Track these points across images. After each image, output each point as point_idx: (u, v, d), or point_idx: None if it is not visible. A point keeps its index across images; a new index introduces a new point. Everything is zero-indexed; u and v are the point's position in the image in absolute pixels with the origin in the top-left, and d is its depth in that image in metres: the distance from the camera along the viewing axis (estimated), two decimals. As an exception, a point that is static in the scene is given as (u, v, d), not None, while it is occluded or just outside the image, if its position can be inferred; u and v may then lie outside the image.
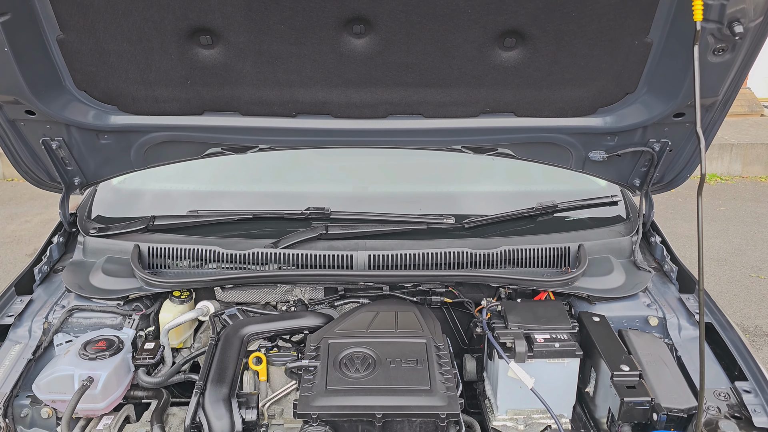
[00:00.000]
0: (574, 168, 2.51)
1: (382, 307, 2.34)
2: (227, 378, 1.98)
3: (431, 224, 2.55)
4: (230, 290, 2.47)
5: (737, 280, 5.60)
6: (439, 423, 1.86)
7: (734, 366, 2.12)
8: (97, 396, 1.99)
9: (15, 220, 7.12)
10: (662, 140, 2.34)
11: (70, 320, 2.31)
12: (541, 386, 2.08)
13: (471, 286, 2.50)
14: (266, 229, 2.57)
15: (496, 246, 2.47)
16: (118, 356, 2.08)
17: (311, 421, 1.85)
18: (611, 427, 2.03)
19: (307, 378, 1.97)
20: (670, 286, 2.49)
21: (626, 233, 2.65)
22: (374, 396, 1.89)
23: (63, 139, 2.33)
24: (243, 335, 2.18)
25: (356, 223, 2.54)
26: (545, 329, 2.17)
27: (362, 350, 2.06)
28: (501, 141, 2.40)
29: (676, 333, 2.27)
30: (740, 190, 8.11)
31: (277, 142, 2.40)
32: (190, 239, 2.52)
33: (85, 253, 2.57)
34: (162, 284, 2.32)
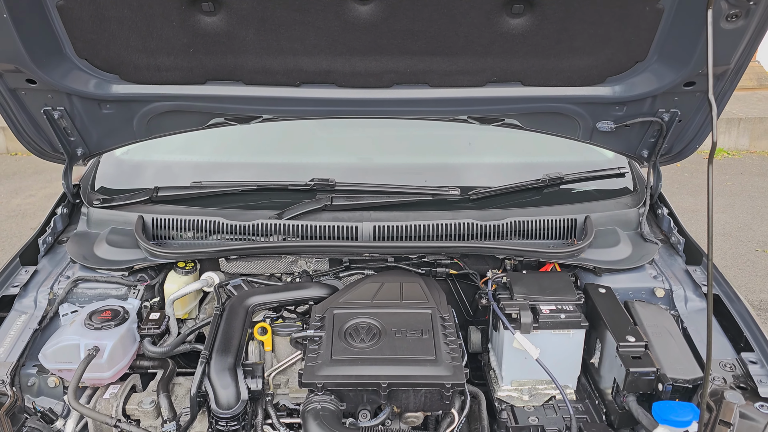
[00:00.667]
0: (581, 139, 2.48)
1: (387, 278, 2.33)
2: (232, 348, 1.98)
3: (436, 196, 2.53)
4: (235, 261, 2.46)
5: (743, 255, 5.58)
6: (444, 393, 1.86)
7: (740, 338, 2.11)
8: (103, 365, 1.99)
9: (19, 194, 7.12)
10: (672, 110, 2.30)
11: (75, 291, 2.31)
12: (546, 357, 2.08)
13: (476, 257, 2.49)
14: (270, 201, 2.55)
15: (502, 217, 2.45)
16: (123, 326, 2.09)
17: (316, 391, 1.85)
18: (616, 397, 2.03)
19: (312, 348, 1.98)
20: (676, 258, 2.48)
21: (633, 205, 2.62)
22: (379, 366, 1.89)
23: (65, 108, 2.30)
24: (248, 306, 2.18)
25: (361, 195, 2.52)
26: (551, 300, 2.16)
27: (367, 320, 2.06)
28: (508, 111, 2.36)
29: (683, 305, 2.26)
30: (747, 164, 8.04)
31: (281, 112, 2.37)
32: (194, 210, 2.51)
33: (89, 225, 2.56)
34: (166, 255, 2.31)
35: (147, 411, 2.01)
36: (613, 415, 2.05)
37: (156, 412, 2.01)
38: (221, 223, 2.43)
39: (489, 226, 2.42)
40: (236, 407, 1.86)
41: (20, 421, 1.93)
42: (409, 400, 1.90)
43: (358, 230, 2.40)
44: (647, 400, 1.97)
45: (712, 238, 1.48)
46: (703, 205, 6.55)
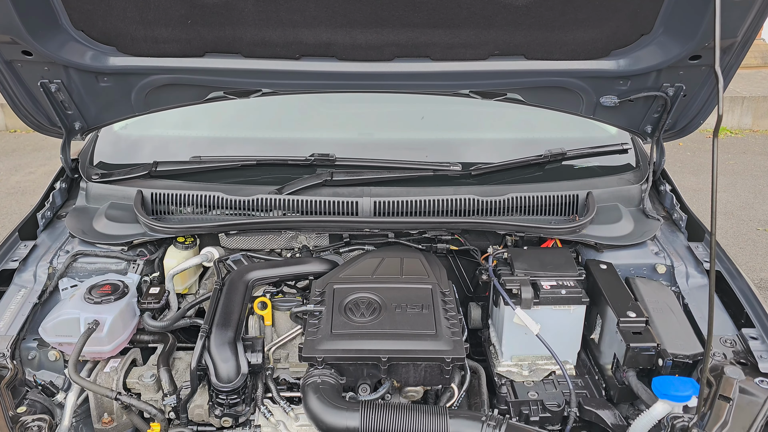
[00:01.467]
0: (584, 114, 2.45)
1: (387, 253, 2.32)
2: (232, 322, 1.98)
3: (437, 171, 2.51)
4: (234, 237, 2.45)
5: (744, 234, 5.57)
6: (444, 367, 1.86)
7: (741, 314, 2.11)
8: (103, 339, 2.00)
9: (19, 171, 7.10)
10: (676, 84, 2.27)
11: (75, 265, 2.30)
12: (547, 333, 2.08)
13: (477, 233, 2.48)
14: (270, 176, 2.53)
15: (503, 193, 2.44)
16: (123, 300, 2.09)
17: (316, 365, 1.85)
18: (616, 372, 2.03)
19: (312, 322, 1.97)
20: (678, 235, 2.47)
21: (635, 181, 2.60)
22: (379, 340, 1.89)
23: (62, 81, 2.27)
24: (248, 280, 2.18)
25: (361, 170, 2.51)
26: (552, 276, 2.16)
27: (367, 295, 2.06)
28: (510, 85, 2.33)
29: (684, 281, 2.25)
30: (750, 143, 8.00)
31: (281, 86, 2.34)
32: (194, 185, 2.50)
33: (88, 199, 2.55)
34: (165, 230, 2.30)
35: (147, 385, 2.01)
36: (612, 390, 2.05)
37: (156, 386, 2.02)
38: (221, 198, 2.42)
39: (490, 202, 2.41)
40: (236, 381, 1.86)
41: (21, 394, 1.94)
42: (409, 374, 1.90)
43: (359, 205, 2.38)
44: (647, 375, 1.97)
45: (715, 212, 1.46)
46: (705, 184, 6.53)
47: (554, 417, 1.98)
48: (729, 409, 1.71)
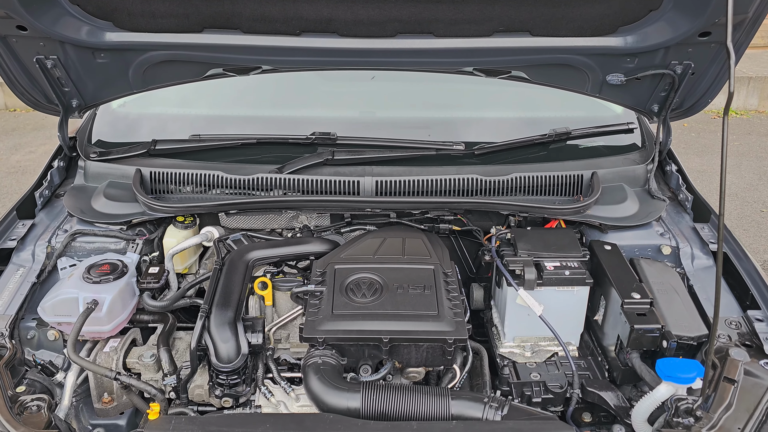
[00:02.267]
0: (590, 92, 2.41)
1: (389, 233, 2.30)
2: (232, 302, 1.96)
3: (440, 150, 2.48)
4: (234, 216, 2.43)
5: (748, 215, 5.53)
6: (446, 348, 1.85)
7: (746, 296, 2.09)
8: (102, 319, 1.98)
9: (19, 150, 7.06)
10: (685, 62, 2.22)
11: (74, 244, 2.28)
12: (550, 314, 2.06)
13: (480, 213, 2.45)
14: (271, 155, 2.50)
15: (507, 173, 2.40)
16: (122, 280, 2.07)
17: (317, 345, 1.84)
18: (619, 354, 2.01)
19: (313, 303, 1.95)
20: (684, 216, 2.43)
21: (641, 161, 2.57)
22: (381, 321, 1.87)
23: (58, 57, 2.23)
24: (248, 260, 2.15)
25: (363, 149, 2.47)
26: (555, 257, 2.13)
27: (369, 276, 2.03)
28: (515, 63, 2.29)
29: (689, 262, 2.22)
30: (755, 124, 7.92)
31: (281, 63, 2.30)
32: (193, 164, 2.46)
33: (87, 178, 2.52)
34: (165, 209, 2.28)
35: (147, 365, 2.00)
36: (615, 371, 2.04)
37: (156, 366, 2.01)
38: (220, 177, 2.39)
39: (493, 182, 2.38)
40: (236, 361, 1.85)
41: (20, 373, 1.93)
42: (410, 355, 1.89)
43: (360, 185, 2.35)
44: (650, 357, 1.95)
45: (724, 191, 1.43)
46: (709, 165, 6.48)
47: (557, 398, 1.97)
48: (733, 391, 1.69)
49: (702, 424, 1.63)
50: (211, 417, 1.76)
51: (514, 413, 1.67)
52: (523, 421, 1.63)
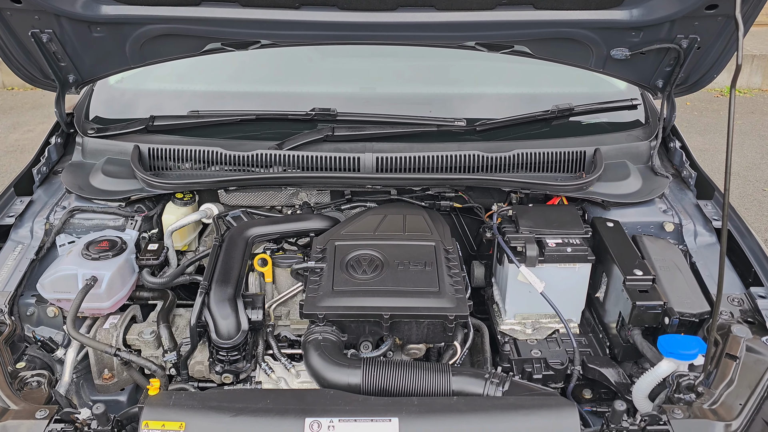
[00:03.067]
0: (594, 68, 2.37)
1: (390, 210, 2.28)
2: (232, 278, 1.95)
3: (442, 126, 2.45)
4: (234, 193, 2.41)
5: (749, 194, 5.51)
6: (447, 324, 1.84)
7: (749, 273, 2.07)
8: (102, 295, 1.97)
9: (17, 129, 7.01)
10: (690, 36, 2.18)
11: (72, 221, 2.27)
12: (551, 291, 2.05)
13: (481, 190, 2.43)
14: (270, 131, 2.47)
15: (509, 149, 2.38)
16: (121, 257, 2.05)
17: (318, 321, 1.83)
18: (621, 331, 2.01)
19: (313, 279, 1.94)
20: (687, 193, 2.42)
21: (645, 138, 2.54)
22: (382, 297, 1.86)
23: (53, 31, 2.19)
24: (248, 237, 2.14)
25: (363, 125, 2.44)
26: (557, 234, 2.12)
27: (369, 252, 2.02)
28: (517, 37, 2.25)
29: (692, 239, 2.21)
30: (759, 103, 7.86)
31: (280, 37, 2.26)
32: (192, 140, 2.44)
33: (85, 155, 2.50)
34: (163, 185, 2.26)
35: (147, 341, 2.00)
36: (616, 348, 2.03)
37: (156, 343, 2.00)
38: (219, 154, 2.36)
39: (495, 158, 2.35)
40: (236, 337, 1.84)
41: (20, 349, 1.92)
42: (411, 331, 1.88)
43: (360, 161, 2.33)
44: (651, 334, 1.95)
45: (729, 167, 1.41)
46: (711, 144, 6.44)
47: (557, 375, 1.97)
48: (735, 368, 1.69)
49: (703, 399, 1.62)
50: (212, 392, 1.76)
51: (515, 389, 1.67)
52: (524, 396, 1.63)
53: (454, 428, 1.47)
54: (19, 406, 1.60)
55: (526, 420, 1.48)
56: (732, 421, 1.55)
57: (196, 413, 1.50)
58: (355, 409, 1.52)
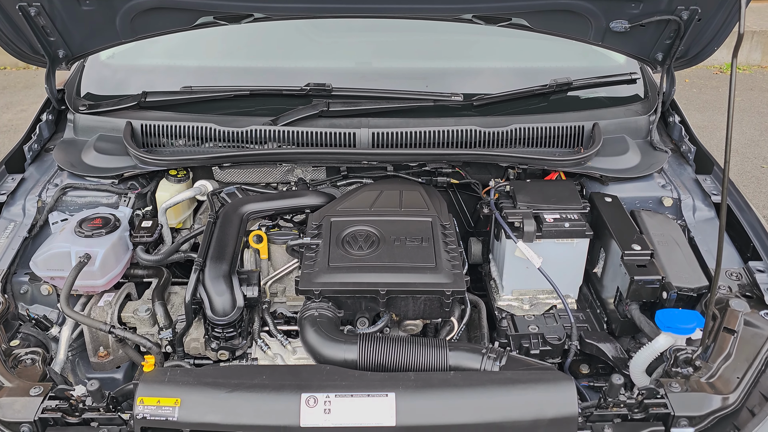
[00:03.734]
0: (592, 40, 2.33)
1: (386, 186, 2.26)
2: (227, 255, 1.93)
3: (438, 101, 2.41)
4: (229, 170, 2.38)
5: (748, 171, 5.49)
6: (444, 300, 1.83)
7: (747, 248, 2.06)
8: (96, 273, 1.95)
9: (11, 109, 6.94)
10: (691, 7, 2.14)
11: (65, 199, 2.24)
12: (549, 266, 2.04)
13: (479, 166, 2.40)
14: (264, 106, 2.44)
15: (507, 124, 2.35)
16: (115, 234, 2.03)
17: (314, 298, 1.82)
18: (618, 306, 2.00)
19: (309, 255, 1.92)
20: (686, 167, 2.39)
21: (644, 112, 2.51)
22: (378, 273, 1.85)
23: (41, 4, 2.15)
24: (243, 213, 2.12)
25: (359, 100, 2.41)
26: (555, 209, 2.10)
27: (366, 228, 2.00)
28: (515, 9, 2.20)
29: (690, 214, 2.19)
30: (758, 80, 7.80)
31: (273, 10, 2.21)
32: (185, 117, 2.40)
33: (76, 132, 2.46)
34: (156, 162, 2.23)
35: (143, 319, 1.98)
36: (614, 323, 2.03)
37: (152, 320, 1.99)
38: (213, 130, 2.33)
39: (493, 133, 2.32)
40: (232, 314, 1.83)
41: (14, 327, 1.91)
42: (408, 307, 1.87)
43: (356, 137, 2.30)
44: (649, 309, 1.94)
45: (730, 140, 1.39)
46: (710, 121, 6.40)
47: (555, 350, 1.96)
48: (733, 342, 1.68)
49: (701, 373, 1.62)
50: (207, 369, 1.75)
51: (512, 364, 1.66)
52: (522, 371, 1.62)
53: (451, 403, 1.47)
54: (13, 383, 1.59)
55: (523, 394, 1.48)
56: (729, 394, 1.54)
57: (191, 389, 1.49)
58: (351, 384, 1.51)
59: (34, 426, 1.48)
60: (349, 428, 1.44)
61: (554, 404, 1.46)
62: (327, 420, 1.45)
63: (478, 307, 2.11)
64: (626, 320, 1.96)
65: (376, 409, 1.46)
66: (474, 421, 1.45)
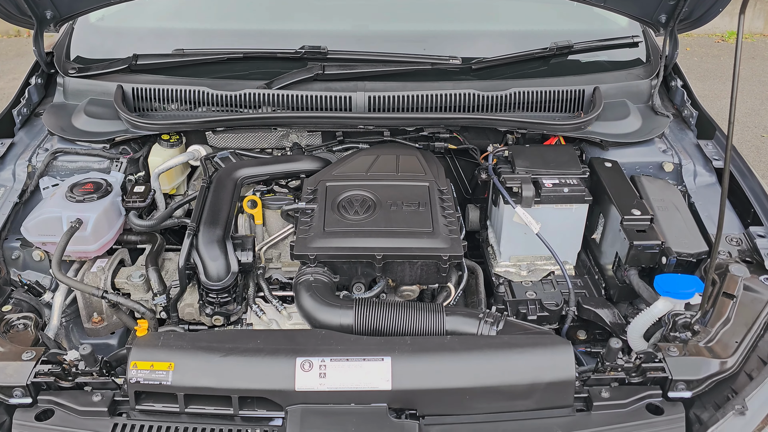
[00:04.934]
0: (594, 1, 2.27)
1: (382, 150, 2.22)
2: (221, 220, 1.90)
3: (436, 65, 2.36)
4: (222, 134, 2.34)
5: (747, 140, 5.45)
6: (441, 265, 1.80)
7: (748, 214, 2.04)
8: (88, 238, 1.92)
9: (2, 77, 6.85)
10: (696, -34, 2.09)
11: (56, 164, 2.20)
12: (547, 232, 2.02)
13: (477, 131, 2.36)
14: (258, 70, 2.38)
15: (506, 88, 2.30)
16: (106, 199, 2.00)
17: (309, 263, 1.79)
18: (617, 272, 1.98)
19: (304, 220, 1.90)
20: (688, 132, 2.36)
21: (645, 76, 2.46)
22: (374, 238, 1.82)
23: (27, -38, 2.08)
24: (237, 178, 2.08)
25: (355, 63, 2.35)
26: (554, 174, 2.07)
27: (362, 193, 1.97)
28: (516, -32, 2.15)
29: (691, 179, 2.16)
30: (760, 48, 7.71)
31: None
32: (177, 80, 2.34)
33: (66, 95, 2.41)
34: (148, 126, 2.18)
35: (137, 285, 1.96)
36: (612, 289, 2.01)
37: (146, 286, 1.97)
38: (206, 94, 2.28)
39: (491, 97, 2.28)
40: (226, 279, 1.81)
41: (5, 293, 1.88)
42: (404, 272, 1.85)
43: (352, 101, 2.25)
44: (648, 275, 1.92)
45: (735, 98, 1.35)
46: (711, 90, 6.34)
47: (552, 316, 1.95)
48: (732, 306, 1.67)
49: (699, 338, 1.61)
50: (201, 333, 1.73)
51: (509, 329, 1.65)
52: (519, 335, 1.61)
53: (447, 367, 1.45)
54: (5, 348, 1.58)
55: (520, 358, 1.46)
56: (727, 359, 1.53)
57: (185, 353, 1.47)
58: (347, 348, 1.50)
59: (27, 390, 1.46)
60: (344, 392, 1.43)
61: (551, 368, 1.45)
62: (322, 384, 1.43)
63: (475, 272, 2.09)
64: (624, 286, 1.95)
65: (372, 373, 1.44)
66: (471, 385, 1.44)
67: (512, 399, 1.45)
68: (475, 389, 1.43)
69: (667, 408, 1.48)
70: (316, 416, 1.41)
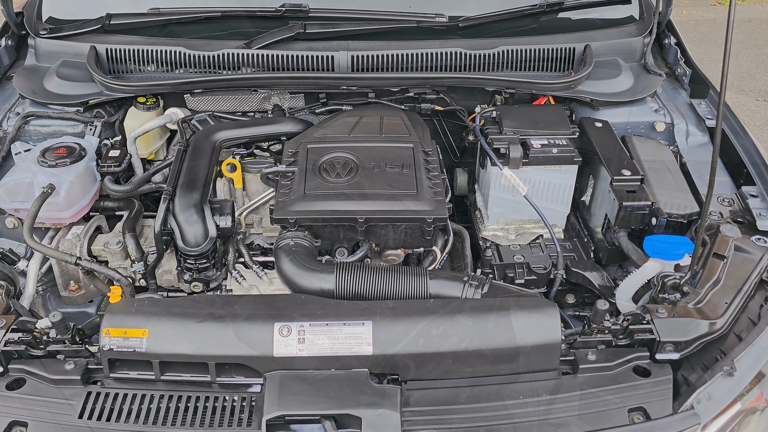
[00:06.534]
0: (586, -44, 2.19)
1: (366, 111, 2.15)
2: (198, 184, 1.84)
3: (422, 23, 2.27)
4: (201, 97, 2.26)
5: (743, 104, 5.38)
6: (426, 228, 1.75)
7: (740, 174, 1.99)
8: (61, 204, 1.86)
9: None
10: None
11: (28, 128, 2.13)
12: (536, 194, 1.98)
13: (464, 91, 2.30)
14: (237, 29, 2.29)
15: (494, 47, 2.22)
16: (80, 163, 1.93)
17: (289, 227, 1.74)
18: (606, 234, 1.94)
19: (284, 183, 1.84)
20: (681, 92, 2.29)
21: (638, 34, 2.38)
22: (356, 201, 1.76)
23: None
24: (215, 141, 2.01)
25: (338, 21, 2.26)
26: (543, 134, 2.01)
27: (344, 155, 1.91)
28: None
29: (683, 139, 2.11)
30: (756, 11, 7.58)
31: None
32: (153, 41, 2.26)
33: (38, 58, 2.32)
34: (123, 88, 2.11)
35: (114, 251, 1.90)
36: (601, 252, 1.97)
37: (123, 253, 1.91)
38: (183, 54, 2.20)
39: (479, 56, 2.20)
40: (204, 244, 1.76)
41: (-23, 261, 1.83)
42: (388, 236, 1.79)
43: (335, 60, 2.17)
44: (638, 237, 1.88)
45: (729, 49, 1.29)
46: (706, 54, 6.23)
47: (540, 279, 1.91)
48: (722, 267, 1.63)
49: (688, 299, 1.57)
50: (176, 299, 1.68)
51: (494, 292, 1.61)
52: (503, 297, 1.57)
53: (429, 331, 1.41)
54: (-25, 316, 1.52)
55: (504, 321, 1.42)
56: (716, 320, 1.50)
57: (159, 320, 1.43)
58: (327, 313, 1.45)
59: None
60: (324, 358, 1.39)
61: (536, 330, 1.41)
62: (301, 349, 1.39)
63: (461, 236, 2.04)
64: (614, 248, 1.91)
65: (353, 337, 1.40)
66: (454, 349, 1.40)
67: (497, 363, 1.41)
68: (459, 353, 1.40)
69: (654, 370, 1.45)
70: (295, 382, 1.37)
